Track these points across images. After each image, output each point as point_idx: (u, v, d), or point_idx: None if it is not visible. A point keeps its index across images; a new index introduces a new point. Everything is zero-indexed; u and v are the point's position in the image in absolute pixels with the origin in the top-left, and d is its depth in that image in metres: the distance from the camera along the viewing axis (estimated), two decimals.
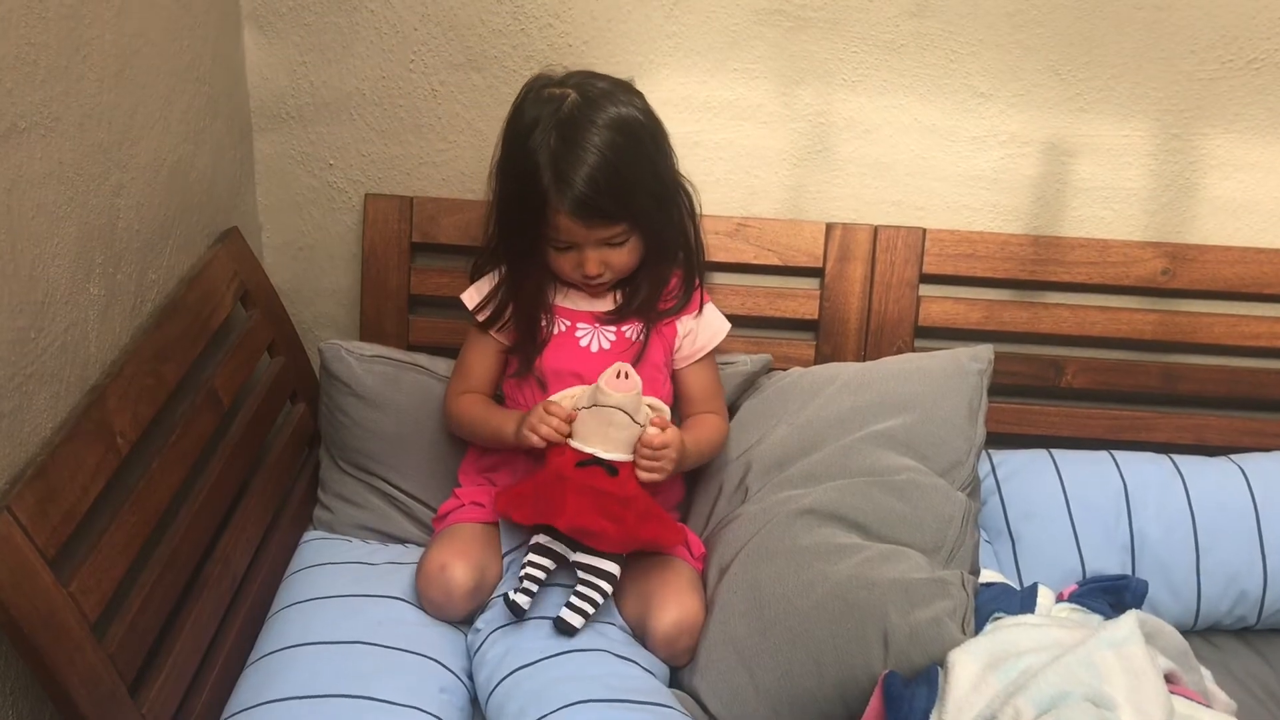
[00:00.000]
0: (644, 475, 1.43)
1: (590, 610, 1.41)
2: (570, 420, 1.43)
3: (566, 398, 1.47)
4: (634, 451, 1.43)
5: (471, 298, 1.58)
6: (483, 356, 1.59)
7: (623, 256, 1.48)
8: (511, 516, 1.45)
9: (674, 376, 1.60)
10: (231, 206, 1.74)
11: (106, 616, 1.21)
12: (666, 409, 1.51)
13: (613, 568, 1.43)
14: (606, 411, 1.41)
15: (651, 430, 1.43)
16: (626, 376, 1.42)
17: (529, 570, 1.43)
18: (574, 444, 1.43)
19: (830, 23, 1.73)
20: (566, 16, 1.74)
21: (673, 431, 1.45)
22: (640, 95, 1.49)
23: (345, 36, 1.76)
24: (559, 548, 1.44)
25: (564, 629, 1.40)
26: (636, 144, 1.44)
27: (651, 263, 1.52)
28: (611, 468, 1.42)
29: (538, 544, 1.44)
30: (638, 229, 1.47)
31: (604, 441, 1.42)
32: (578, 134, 1.40)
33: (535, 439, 1.43)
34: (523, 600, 1.40)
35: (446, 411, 1.60)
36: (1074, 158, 1.80)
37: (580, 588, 1.42)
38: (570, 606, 1.41)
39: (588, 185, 1.40)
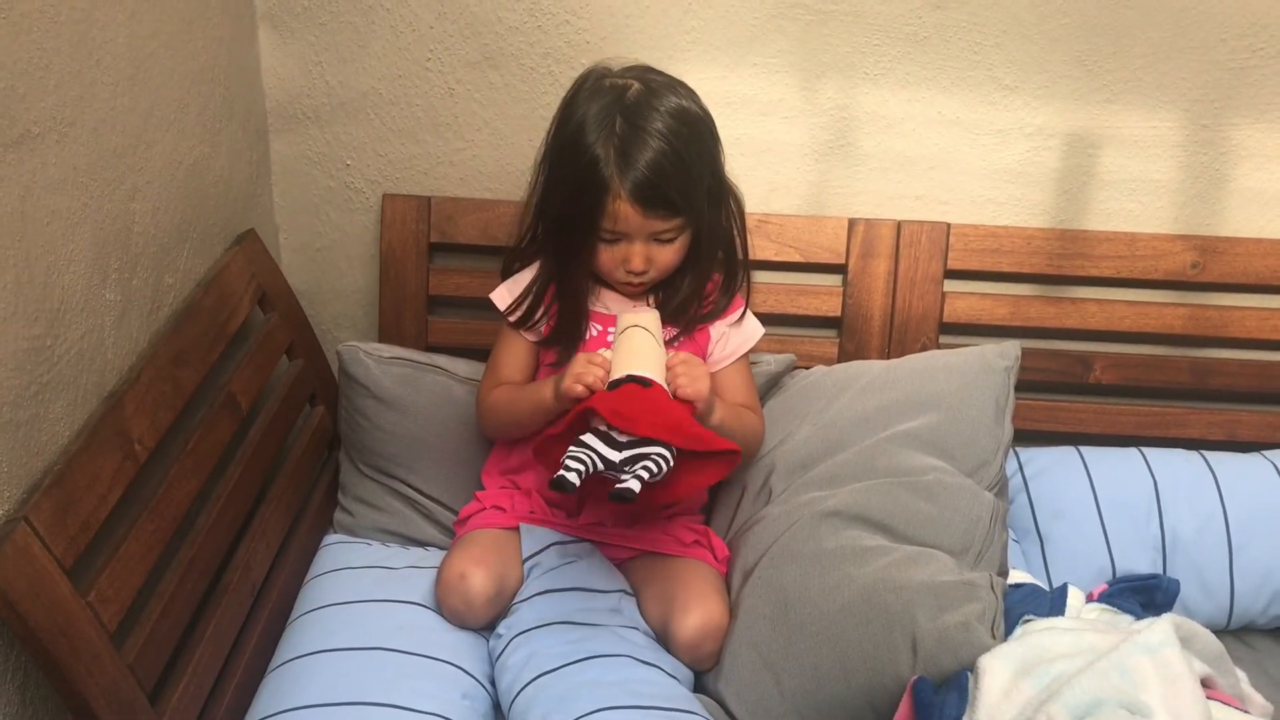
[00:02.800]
0: (684, 389, 1.36)
1: (646, 476, 1.27)
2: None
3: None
4: (663, 376, 1.37)
5: (502, 297, 1.56)
6: (515, 354, 1.56)
7: (669, 255, 1.45)
8: (545, 431, 1.34)
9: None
10: (248, 208, 1.73)
11: (125, 626, 1.20)
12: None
13: (663, 450, 1.28)
14: (627, 334, 1.38)
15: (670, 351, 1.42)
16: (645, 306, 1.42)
17: (574, 451, 1.28)
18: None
19: (851, 15, 1.71)
20: (583, 13, 1.72)
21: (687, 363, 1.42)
22: (695, 93, 1.46)
23: (361, 35, 1.75)
24: (601, 447, 1.29)
25: (623, 495, 1.25)
26: (698, 137, 1.43)
27: (693, 265, 1.49)
28: (643, 381, 1.34)
29: (580, 440, 1.30)
30: (691, 226, 1.45)
31: (629, 362, 1.36)
32: (643, 120, 1.38)
33: (580, 389, 1.35)
34: (572, 476, 1.25)
35: (479, 409, 1.57)
36: (1101, 150, 1.77)
37: (634, 466, 1.28)
38: (626, 478, 1.27)
39: (652, 171, 1.37)
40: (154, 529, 1.27)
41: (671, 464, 1.29)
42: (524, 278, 1.55)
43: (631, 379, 1.34)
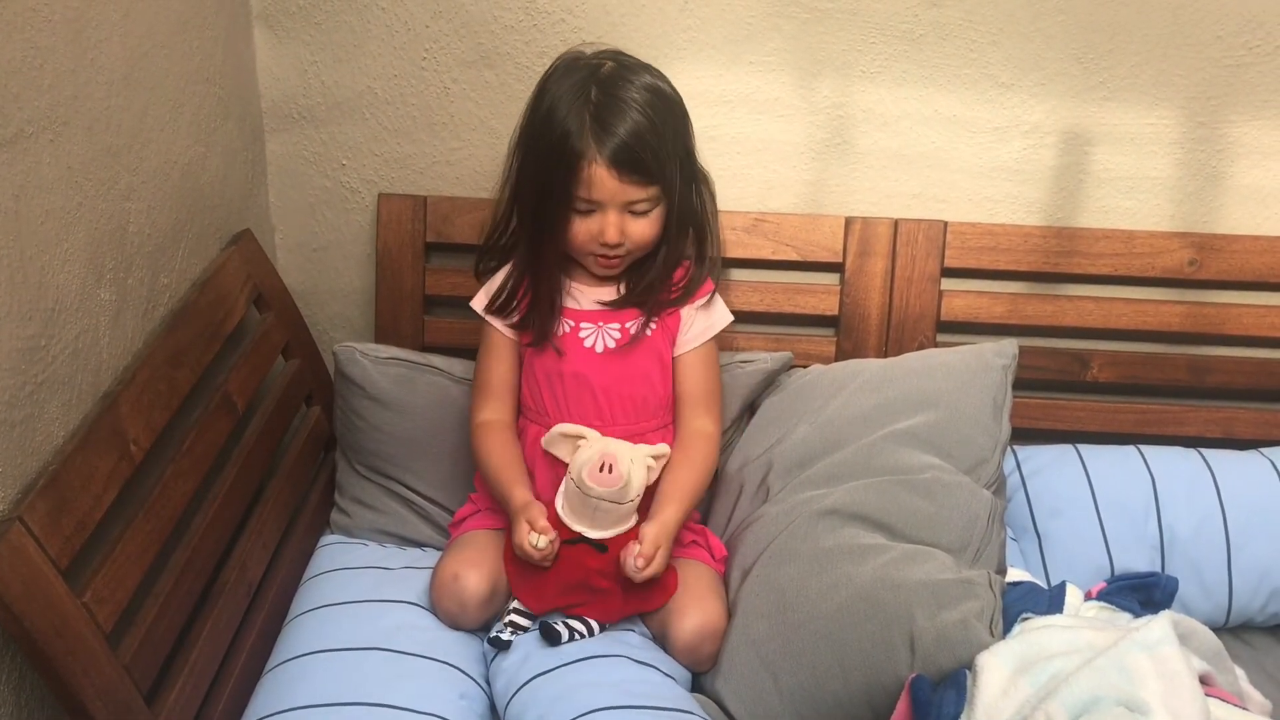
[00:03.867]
0: (639, 578, 1.37)
1: (577, 636, 1.40)
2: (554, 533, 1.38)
3: (566, 441, 1.42)
4: (629, 521, 1.40)
5: (481, 301, 1.56)
6: (499, 359, 1.55)
7: (642, 228, 1.45)
8: (510, 580, 1.45)
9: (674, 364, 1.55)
10: (244, 208, 1.73)
11: (121, 626, 1.20)
12: (667, 451, 1.45)
13: (595, 627, 1.42)
14: (591, 500, 1.36)
15: (632, 566, 1.35)
16: (610, 470, 1.34)
17: (512, 618, 1.41)
18: (562, 516, 1.39)
19: (847, 13, 1.70)
20: (579, 11, 1.72)
21: (655, 551, 1.37)
22: (666, 76, 1.48)
23: (356, 35, 1.75)
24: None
25: (550, 635, 1.38)
26: (671, 111, 1.44)
27: (664, 245, 1.49)
28: (600, 545, 1.38)
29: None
30: (664, 200, 1.45)
31: (590, 523, 1.38)
32: (619, 91, 1.40)
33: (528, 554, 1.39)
34: (507, 635, 1.40)
35: (471, 436, 1.55)
36: (1098, 147, 1.77)
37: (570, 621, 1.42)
38: (559, 623, 1.40)
39: (629, 135, 1.38)
40: (150, 529, 1.27)
41: (599, 630, 1.41)
42: (500, 275, 1.55)
43: (586, 540, 1.38)
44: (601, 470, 1.35)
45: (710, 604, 1.42)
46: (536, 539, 1.37)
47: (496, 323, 1.54)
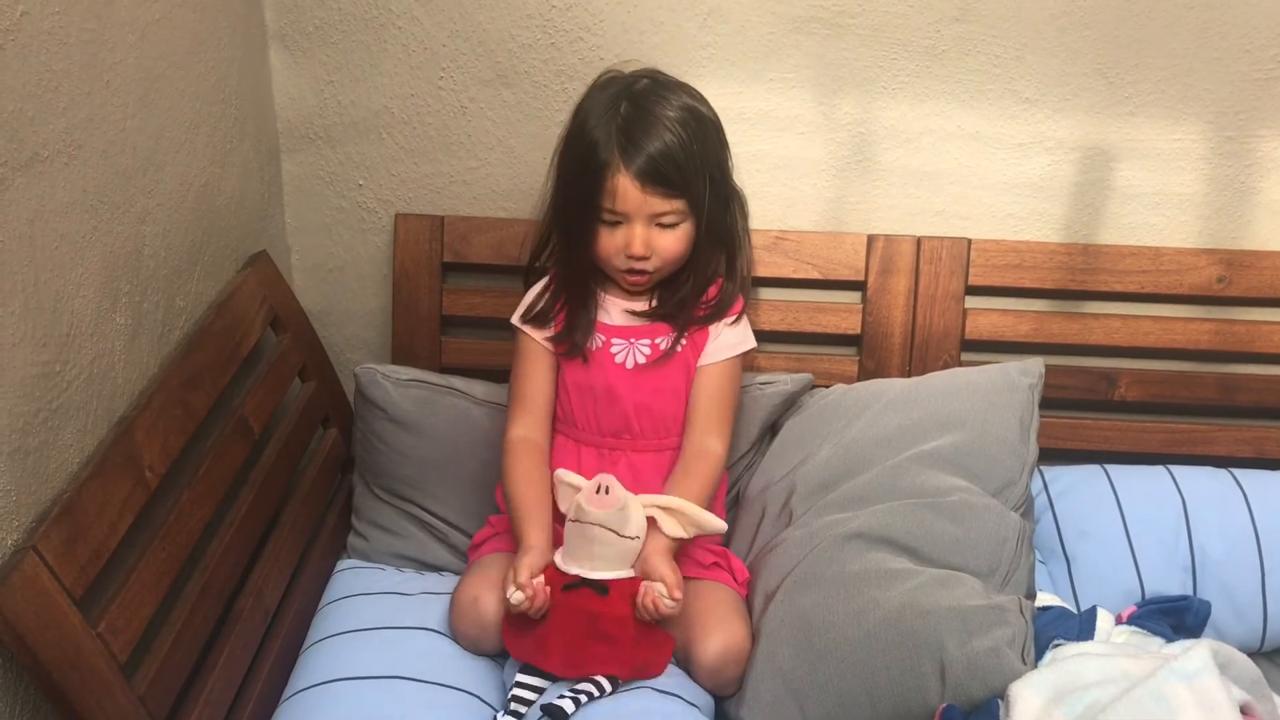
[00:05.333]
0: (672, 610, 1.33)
1: (584, 700, 1.31)
2: (534, 589, 1.33)
3: (567, 490, 1.38)
4: (630, 565, 1.35)
5: (518, 313, 1.55)
6: (535, 369, 1.52)
7: (670, 242, 1.44)
8: (507, 644, 1.38)
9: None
10: (260, 229, 1.72)
11: (136, 656, 1.18)
12: (676, 505, 1.37)
13: (606, 685, 1.33)
14: (589, 529, 1.32)
15: (667, 604, 1.31)
16: (608, 491, 1.31)
17: (517, 692, 1.34)
18: (559, 563, 1.36)
19: (869, 29, 1.69)
20: (597, 29, 1.70)
21: (675, 577, 1.33)
22: (705, 98, 1.48)
23: (373, 54, 1.73)
24: (544, 681, 1.36)
25: (554, 714, 1.29)
26: (703, 131, 1.44)
27: (695, 263, 1.48)
28: (601, 587, 1.33)
29: (527, 664, 1.37)
30: (691, 215, 1.44)
31: (590, 560, 1.34)
32: (649, 105, 1.41)
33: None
34: (519, 706, 1.33)
35: (503, 449, 1.51)
36: (1123, 163, 1.75)
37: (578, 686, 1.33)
38: (564, 696, 1.31)
39: (653, 146, 1.39)
40: (165, 557, 1.25)
41: (611, 690, 1.33)
42: (537, 287, 1.55)
43: (586, 582, 1.33)
44: (599, 492, 1.31)
45: (734, 626, 1.40)
46: (512, 592, 1.32)
47: (532, 332, 1.53)
